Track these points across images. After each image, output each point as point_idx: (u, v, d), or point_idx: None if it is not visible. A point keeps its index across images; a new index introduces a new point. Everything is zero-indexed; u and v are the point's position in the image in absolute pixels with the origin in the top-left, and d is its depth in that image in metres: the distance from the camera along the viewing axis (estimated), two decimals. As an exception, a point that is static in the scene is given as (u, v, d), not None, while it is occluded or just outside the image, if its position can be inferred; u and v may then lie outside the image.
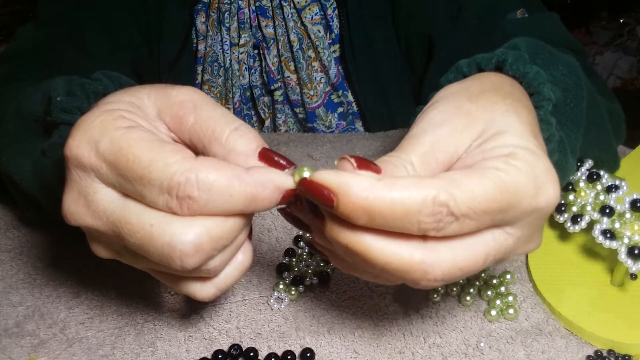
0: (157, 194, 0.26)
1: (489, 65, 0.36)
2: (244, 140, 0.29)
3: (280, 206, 0.29)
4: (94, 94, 0.37)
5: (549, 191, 0.27)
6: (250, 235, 0.32)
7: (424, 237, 0.26)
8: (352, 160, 0.27)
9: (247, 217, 0.29)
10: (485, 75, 0.34)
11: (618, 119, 0.52)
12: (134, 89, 0.31)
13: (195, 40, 0.68)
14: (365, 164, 0.27)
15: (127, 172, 0.27)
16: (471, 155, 0.28)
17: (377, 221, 0.25)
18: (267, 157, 0.29)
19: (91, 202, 0.28)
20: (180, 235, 0.26)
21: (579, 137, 0.39)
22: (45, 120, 0.37)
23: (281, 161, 0.29)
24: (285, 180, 0.28)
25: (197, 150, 0.30)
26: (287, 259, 0.44)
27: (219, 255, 0.29)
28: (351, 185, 0.25)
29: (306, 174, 0.27)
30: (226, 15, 0.66)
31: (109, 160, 0.27)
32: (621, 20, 2.15)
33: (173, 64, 0.66)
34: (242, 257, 0.31)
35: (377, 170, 0.27)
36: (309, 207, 0.28)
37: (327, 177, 0.25)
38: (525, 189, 0.26)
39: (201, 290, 0.31)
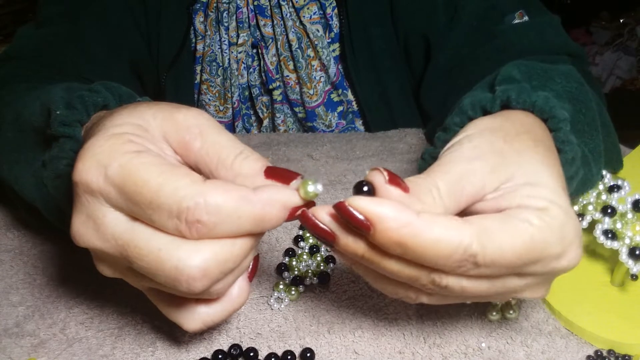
0: (167, 218, 0.27)
1: (495, 107, 0.36)
2: (248, 162, 0.29)
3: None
4: (93, 107, 0.37)
5: (571, 255, 0.28)
6: (252, 274, 0.32)
7: None
8: (385, 174, 0.27)
9: (255, 239, 0.29)
10: (515, 114, 0.34)
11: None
12: (139, 109, 0.31)
13: (193, 40, 0.68)
14: (396, 180, 0.27)
15: (136, 197, 0.27)
16: (506, 198, 0.29)
17: (408, 255, 0.26)
18: (273, 173, 0.29)
19: (100, 226, 0.28)
20: (188, 260, 0.27)
21: (599, 140, 0.39)
22: (45, 132, 0.38)
23: (286, 174, 0.29)
24: (291, 198, 0.28)
25: (204, 174, 0.30)
26: (287, 259, 0.44)
27: (224, 278, 0.29)
28: (390, 219, 0.25)
29: (310, 187, 0.28)
30: (225, 14, 0.66)
31: (117, 185, 0.27)
32: (621, 20, 2.15)
33: (172, 63, 0.66)
34: (236, 295, 0.31)
35: (405, 188, 0.27)
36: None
37: (367, 206, 0.26)
38: (551, 250, 0.27)
39: (188, 322, 0.31)
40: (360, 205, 0.26)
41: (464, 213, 0.30)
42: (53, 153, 0.36)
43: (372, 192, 0.27)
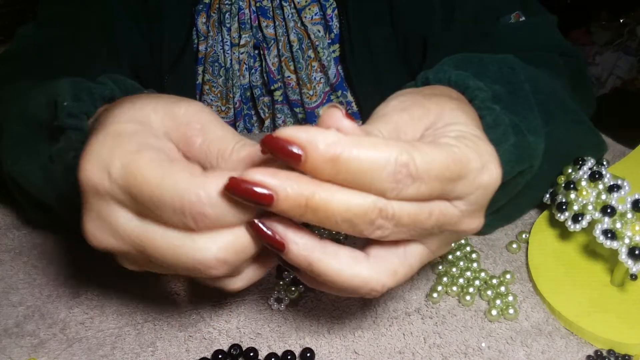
0: (172, 214, 0.27)
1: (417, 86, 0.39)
2: (246, 147, 0.30)
3: None
4: (100, 99, 0.37)
5: (492, 169, 0.30)
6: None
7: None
8: (342, 109, 0.27)
9: None
10: (436, 87, 0.38)
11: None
12: (139, 103, 0.31)
13: (196, 41, 0.68)
14: (349, 115, 0.28)
15: (138, 195, 0.27)
16: (425, 137, 0.31)
17: (342, 175, 0.26)
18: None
19: (111, 225, 0.29)
20: (206, 252, 0.27)
21: (534, 117, 0.41)
22: (51, 124, 0.38)
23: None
24: None
25: (206, 169, 0.30)
26: (287, 259, 0.44)
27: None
28: (319, 140, 0.25)
29: None
30: (227, 15, 0.66)
31: (122, 186, 0.27)
32: (621, 20, 2.15)
33: (174, 64, 0.66)
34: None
35: (355, 123, 0.28)
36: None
37: (295, 134, 0.25)
38: (473, 164, 0.29)
39: (234, 284, 0.32)
40: (288, 134, 0.25)
41: None
42: (60, 145, 0.36)
43: None
